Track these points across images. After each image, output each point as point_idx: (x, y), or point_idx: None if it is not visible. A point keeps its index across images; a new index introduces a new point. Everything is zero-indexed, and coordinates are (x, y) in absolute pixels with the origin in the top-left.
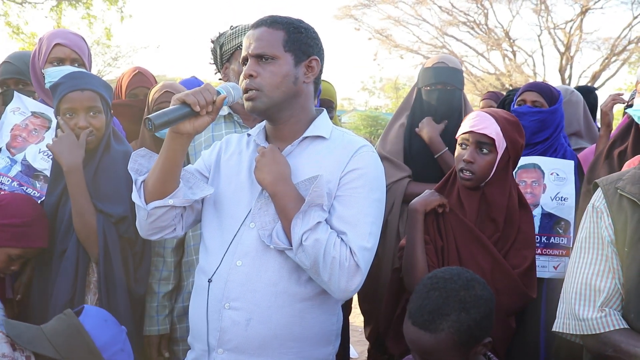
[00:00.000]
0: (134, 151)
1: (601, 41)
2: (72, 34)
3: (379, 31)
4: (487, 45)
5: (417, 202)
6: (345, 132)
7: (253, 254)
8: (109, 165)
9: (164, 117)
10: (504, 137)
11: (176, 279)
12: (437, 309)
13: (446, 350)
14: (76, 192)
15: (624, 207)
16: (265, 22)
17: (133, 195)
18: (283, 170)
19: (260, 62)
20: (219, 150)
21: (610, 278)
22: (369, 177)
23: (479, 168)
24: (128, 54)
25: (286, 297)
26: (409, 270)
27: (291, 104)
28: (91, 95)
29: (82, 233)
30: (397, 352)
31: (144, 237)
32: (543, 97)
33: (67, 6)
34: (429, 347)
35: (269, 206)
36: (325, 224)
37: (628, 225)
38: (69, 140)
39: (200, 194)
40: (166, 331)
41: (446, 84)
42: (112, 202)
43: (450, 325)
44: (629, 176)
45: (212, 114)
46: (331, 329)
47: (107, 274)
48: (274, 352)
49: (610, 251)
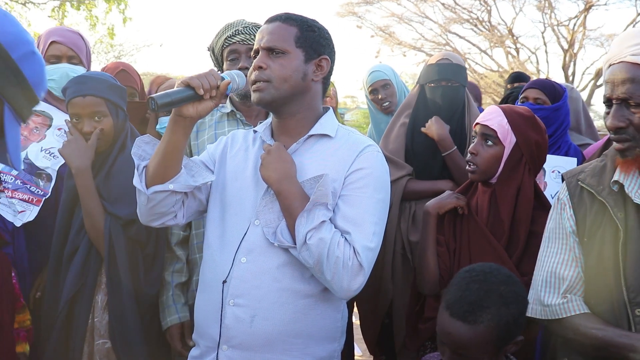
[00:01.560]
0: (138, 137)
1: (605, 38)
2: (69, 31)
3: (382, 28)
4: (491, 43)
5: (431, 205)
6: (350, 131)
7: (257, 250)
8: (122, 167)
9: (167, 98)
10: (514, 131)
11: (189, 273)
12: (477, 300)
13: (483, 344)
14: (84, 193)
15: (584, 198)
16: (279, 18)
17: (134, 180)
18: (288, 169)
19: (271, 55)
20: (225, 145)
21: (573, 267)
22: (374, 176)
23: (482, 160)
24: (131, 52)
25: (290, 293)
26: (420, 271)
27: (298, 100)
28: (93, 100)
29: (92, 234)
30: (413, 348)
31: (144, 224)
32: (545, 94)
33: (69, 7)
34: (465, 339)
35: (273, 204)
36: (329, 223)
37: (587, 217)
38: (77, 143)
39: (201, 180)
40: (187, 318)
41: (450, 81)
42: (122, 203)
43: (490, 319)
44: (590, 168)
45: (215, 99)
46: (336, 326)
47: (111, 275)
48: (279, 348)
49: (572, 241)
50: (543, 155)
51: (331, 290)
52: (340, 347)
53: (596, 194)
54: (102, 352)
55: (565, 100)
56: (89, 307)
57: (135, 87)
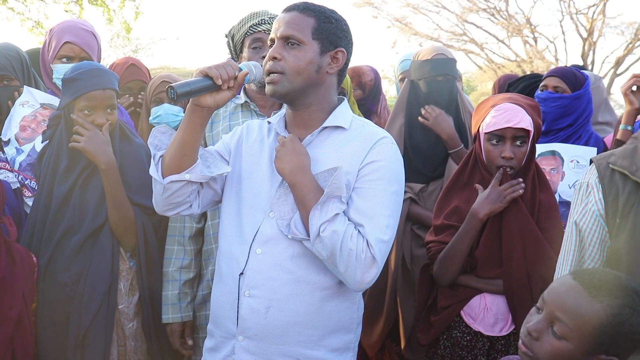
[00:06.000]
0: (154, 128)
1: (625, 26)
2: (83, 29)
3: (398, 19)
4: (508, 32)
5: (482, 209)
6: (365, 123)
7: (272, 242)
8: (132, 158)
9: (186, 87)
10: (533, 123)
11: (197, 267)
12: (613, 286)
13: (584, 327)
14: (115, 187)
15: (616, 180)
16: (297, 7)
17: (150, 169)
18: (303, 161)
19: (286, 46)
20: (240, 136)
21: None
22: (388, 169)
23: (518, 162)
24: (148, 46)
25: (305, 285)
26: (445, 267)
27: (312, 92)
28: (111, 93)
29: (120, 226)
30: (425, 342)
31: (159, 213)
32: (566, 82)
33: (86, 3)
34: (572, 306)
35: (288, 196)
36: (343, 216)
37: (620, 197)
38: (99, 138)
39: (217, 171)
40: (189, 318)
41: (447, 75)
42: (146, 193)
43: (613, 305)
44: (620, 151)
45: (233, 89)
46: (352, 317)
47: (149, 264)
48: (294, 339)
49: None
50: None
51: (344, 282)
52: (357, 338)
53: (630, 175)
54: (133, 334)
55: (587, 89)
56: (115, 297)
57: (146, 80)
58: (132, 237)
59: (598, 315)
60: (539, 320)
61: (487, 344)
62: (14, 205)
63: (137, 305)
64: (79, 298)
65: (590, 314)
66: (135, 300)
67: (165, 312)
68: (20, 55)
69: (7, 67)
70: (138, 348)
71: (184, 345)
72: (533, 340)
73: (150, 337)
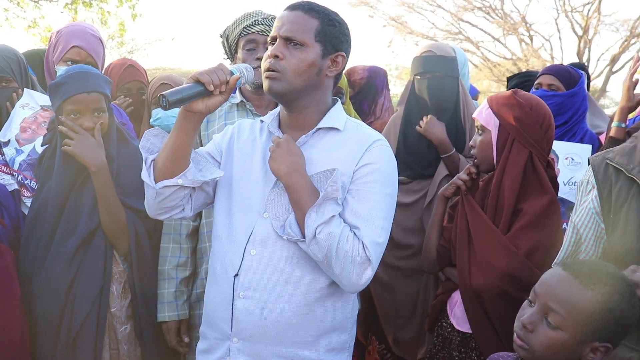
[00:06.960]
0: (146, 130)
1: (620, 23)
2: (91, 34)
3: (394, 18)
4: (504, 30)
5: (440, 190)
6: (359, 125)
7: (267, 243)
8: (128, 161)
9: (177, 95)
10: (495, 113)
11: (193, 266)
12: (602, 274)
13: (578, 315)
14: (106, 190)
15: (609, 175)
16: (302, 7)
17: (143, 174)
18: (298, 162)
19: (289, 46)
20: (231, 136)
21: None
22: (383, 172)
23: (477, 150)
24: (143, 47)
25: (300, 286)
26: (424, 251)
27: (309, 94)
28: (97, 96)
29: (113, 229)
30: (426, 328)
31: (152, 217)
32: (560, 80)
33: (81, 6)
34: (564, 295)
35: (282, 197)
36: (339, 218)
37: (612, 192)
38: (89, 141)
39: (209, 175)
40: (186, 316)
41: (434, 73)
42: (139, 196)
43: (604, 293)
44: (619, 149)
45: (225, 94)
46: (347, 317)
47: (140, 267)
48: (289, 340)
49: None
50: (532, 130)
51: (339, 284)
52: (352, 337)
53: (625, 172)
54: (125, 338)
55: (582, 86)
56: (107, 300)
57: (144, 81)
58: (125, 240)
59: (590, 302)
60: (533, 312)
61: (458, 339)
62: (11, 207)
63: (130, 308)
64: (70, 300)
65: (583, 302)
66: (128, 303)
67: (161, 310)
68: (18, 57)
69: (5, 69)
70: (131, 352)
71: (180, 343)
72: (528, 333)
73: (143, 340)
